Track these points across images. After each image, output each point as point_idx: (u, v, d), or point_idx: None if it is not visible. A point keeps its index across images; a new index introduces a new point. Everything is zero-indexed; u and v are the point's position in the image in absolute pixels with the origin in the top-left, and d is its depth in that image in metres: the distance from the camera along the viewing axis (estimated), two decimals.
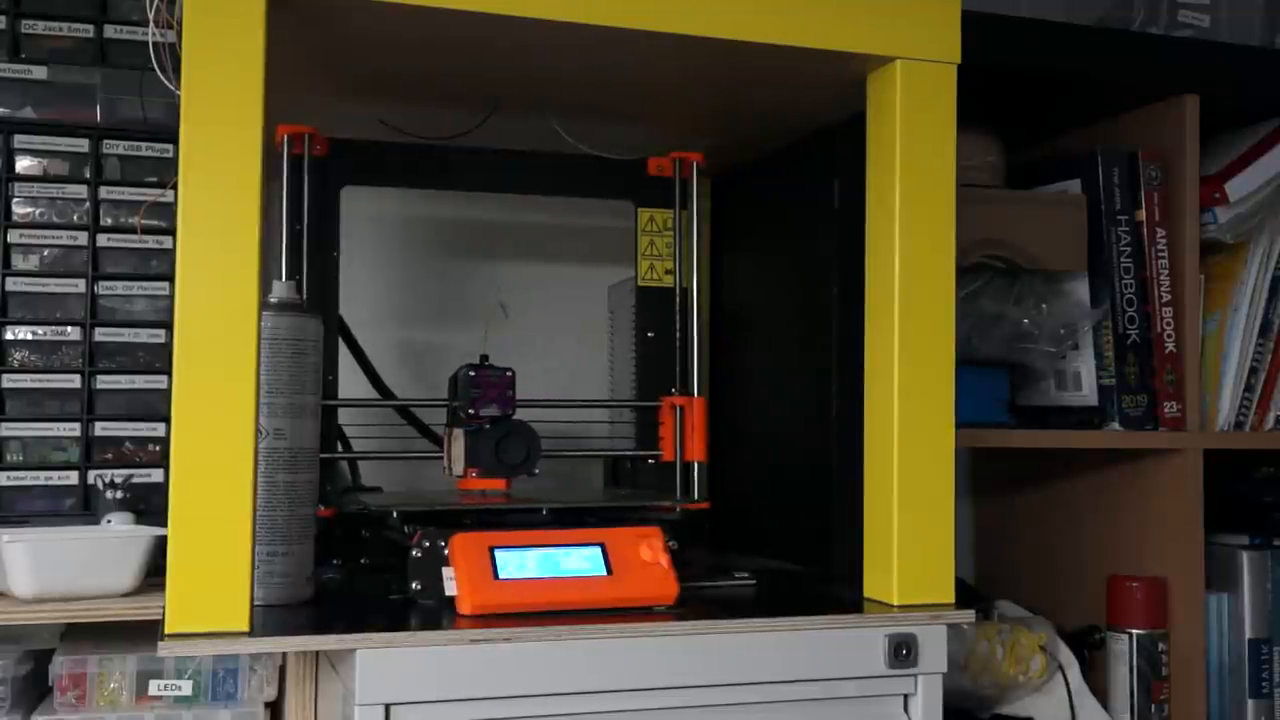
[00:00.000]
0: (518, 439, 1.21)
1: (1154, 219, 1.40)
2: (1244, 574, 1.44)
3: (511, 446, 1.20)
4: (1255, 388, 1.46)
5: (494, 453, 1.20)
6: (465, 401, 1.20)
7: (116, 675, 1.13)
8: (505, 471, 1.20)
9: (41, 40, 1.29)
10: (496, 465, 1.20)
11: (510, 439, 1.20)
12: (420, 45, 1.08)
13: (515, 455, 1.21)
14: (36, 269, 1.28)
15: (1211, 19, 1.52)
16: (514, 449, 1.21)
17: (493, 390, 1.21)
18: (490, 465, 1.20)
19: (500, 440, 1.20)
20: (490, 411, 1.20)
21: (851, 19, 1.07)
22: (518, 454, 1.21)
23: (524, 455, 1.21)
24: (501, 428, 1.21)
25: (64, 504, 1.26)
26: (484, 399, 1.20)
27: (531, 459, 1.21)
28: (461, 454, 1.20)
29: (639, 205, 1.41)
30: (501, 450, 1.20)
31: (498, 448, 1.20)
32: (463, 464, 1.20)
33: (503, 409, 1.21)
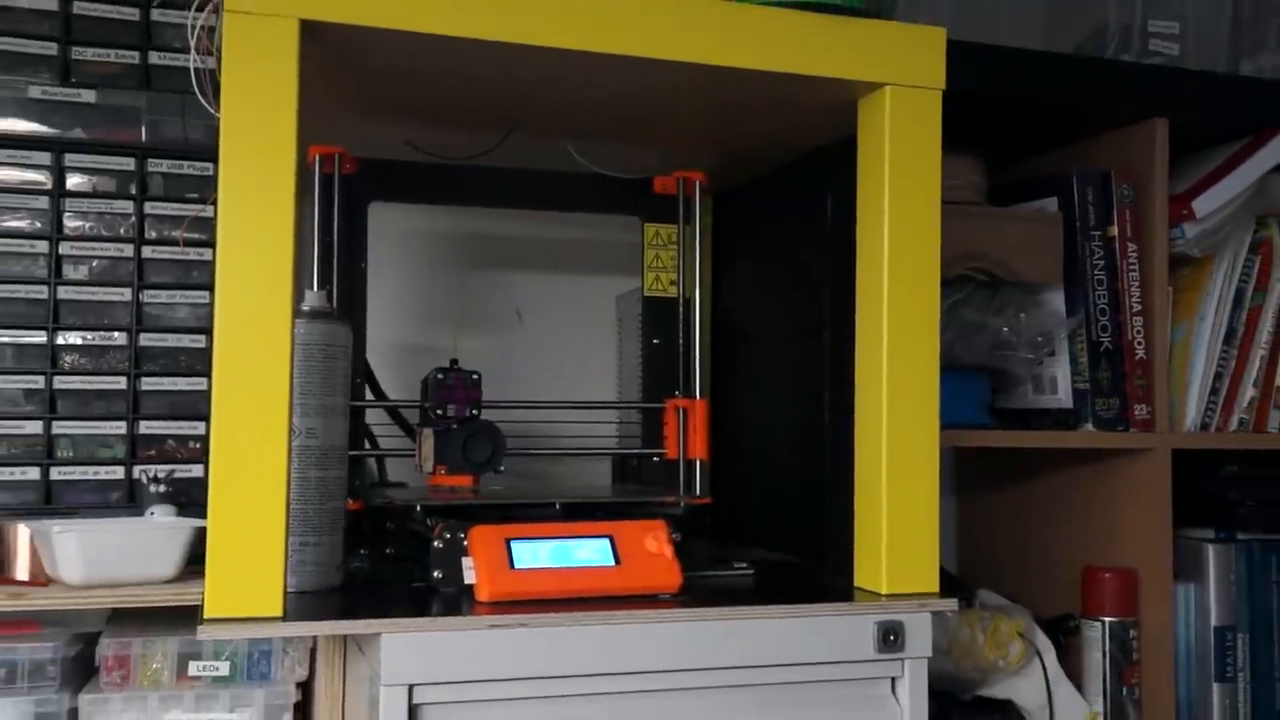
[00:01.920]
0: (483, 438, 1.20)
1: (1125, 235, 1.40)
2: (1210, 565, 1.44)
3: (477, 445, 1.20)
4: (1220, 391, 1.46)
5: (461, 451, 1.20)
6: (434, 402, 1.20)
7: (158, 656, 1.13)
8: (471, 469, 1.20)
9: (90, 66, 1.29)
10: (463, 463, 1.20)
11: (476, 438, 1.20)
12: (442, 72, 1.09)
13: (481, 453, 1.20)
14: (86, 279, 1.28)
15: (1180, 47, 1.52)
16: (479, 448, 1.20)
17: (460, 392, 1.21)
18: (457, 463, 1.20)
19: (467, 439, 1.20)
20: (458, 412, 1.20)
21: (843, 48, 1.07)
22: (483, 452, 1.20)
23: (489, 453, 1.20)
24: (468, 428, 1.20)
25: (111, 497, 1.27)
26: (451, 400, 1.20)
27: (496, 457, 1.20)
28: (431, 452, 1.20)
29: (645, 221, 1.41)
30: (468, 449, 1.20)
31: (465, 446, 1.20)
32: (432, 462, 1.20)
33: (470, 410, 1.20)
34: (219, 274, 0.91)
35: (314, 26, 0.94)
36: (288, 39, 0.92)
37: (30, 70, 1.27)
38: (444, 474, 1.20)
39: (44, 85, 1.27)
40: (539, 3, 0.99)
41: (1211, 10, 1.54)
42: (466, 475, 1.20)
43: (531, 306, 1.49)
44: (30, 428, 1.25)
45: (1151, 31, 1.51)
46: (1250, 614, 1.45)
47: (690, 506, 1.24)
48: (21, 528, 1.14)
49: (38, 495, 1.25)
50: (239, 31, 0.92)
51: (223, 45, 0.92)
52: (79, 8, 1.29)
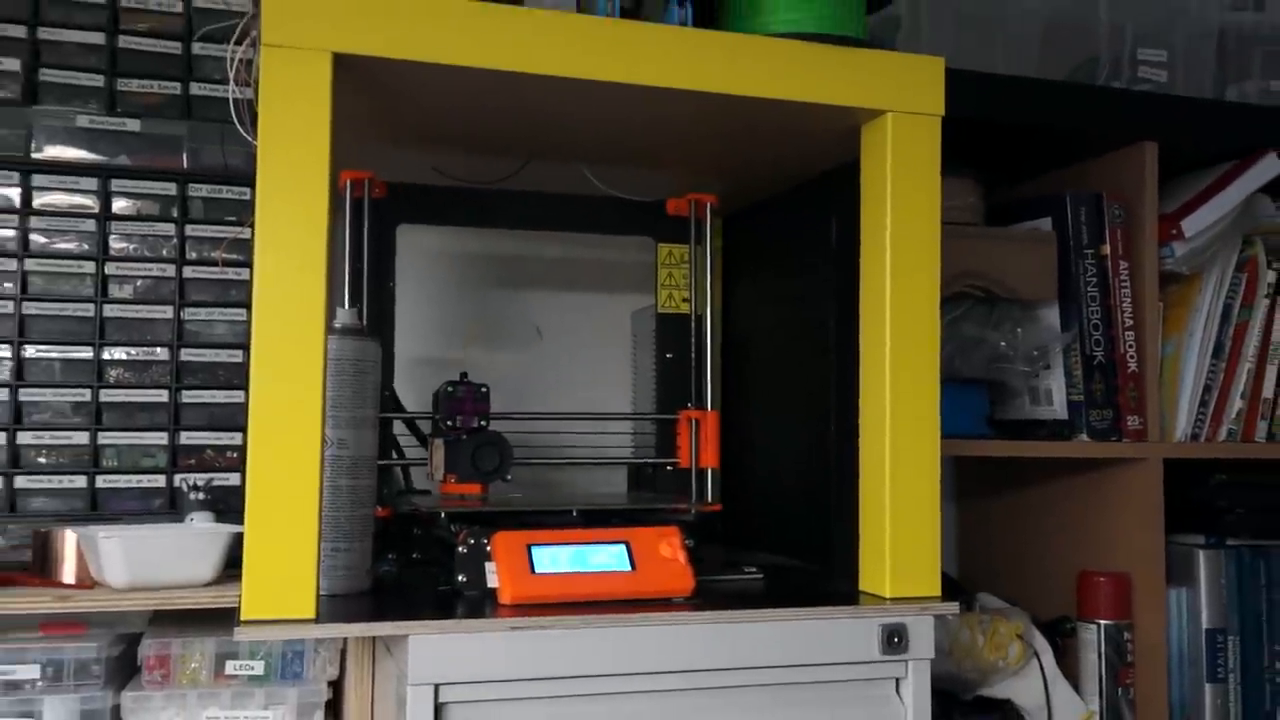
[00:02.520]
0: (492, 448, 1.20)
1: (1117, 253, 1.40)
2: (1201, 570, 1.43)
3: (486, 455, 1.19)
4: (1209, 403, 1.45)
5: (470, 460, 1.19)
6: (444, 414, 1.20)
7: (197, 656, 1.13)
8: (480, 477, 1.19)
9: (135, 97, 1.30)
10: (472, 472, 1.19)
11: (485, 448, 1.19)
12: (466, 102, 1.09)
13: (489, 463, 1.20)
14: (130, 297, 1.29)
15: (1168, 75, 1.52)
16: (488, 457, 1.20)
17: (469, 404, 1.21)
18: (467, 472, 1.19)
19: (476, 449, 1.19)
20: (465, 423, 1.20)
21: (847, 77, 1.07)
22: (491, 462, 1.20)
23: (497, 462, 1.20)
24: (477, 438, 1.20)
25: (153, 504, 1.27)
26: (461, 412, 1.20)
27: (504, 466, 1.20)
28: (441, 461, 1.20)
29: (659, 241, 1.41)
30: (477, 458, 1.19)
31: (474, 456, 1.19)
32: (442, 470, 1.20)
33: (478, 421, 1.20)
34: (256, 293, 0.91)
35: (346, 60, 0.94)
36: (321, 71, 0.93)
37: (78, 101, 1.28)
38: (454, 482, 1.19)
39: (91, 115, 1.28)
40: (557, 36, 0.99)
41: (1198, 39, 1.54)
42: (475, 484, 1.19)
43: (550, 323, 1.50)
44: (78, 438, 1.26)
45: (1141, 59, 1.51)
46: (1240, 617, 1.44)
47: (702, 513, 1.24)
48: (69, 533, 1.14)
49: (84, 503, 1.25)
50: (275, 64, 0.92)
51: (260, 77, 0.93)
52: (124, 42, 1.30)
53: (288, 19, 0.92)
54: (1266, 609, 1.46)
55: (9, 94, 1.26)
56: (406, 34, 0.95)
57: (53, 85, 1.28)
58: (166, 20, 1.31)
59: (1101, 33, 1.51)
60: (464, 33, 0.97)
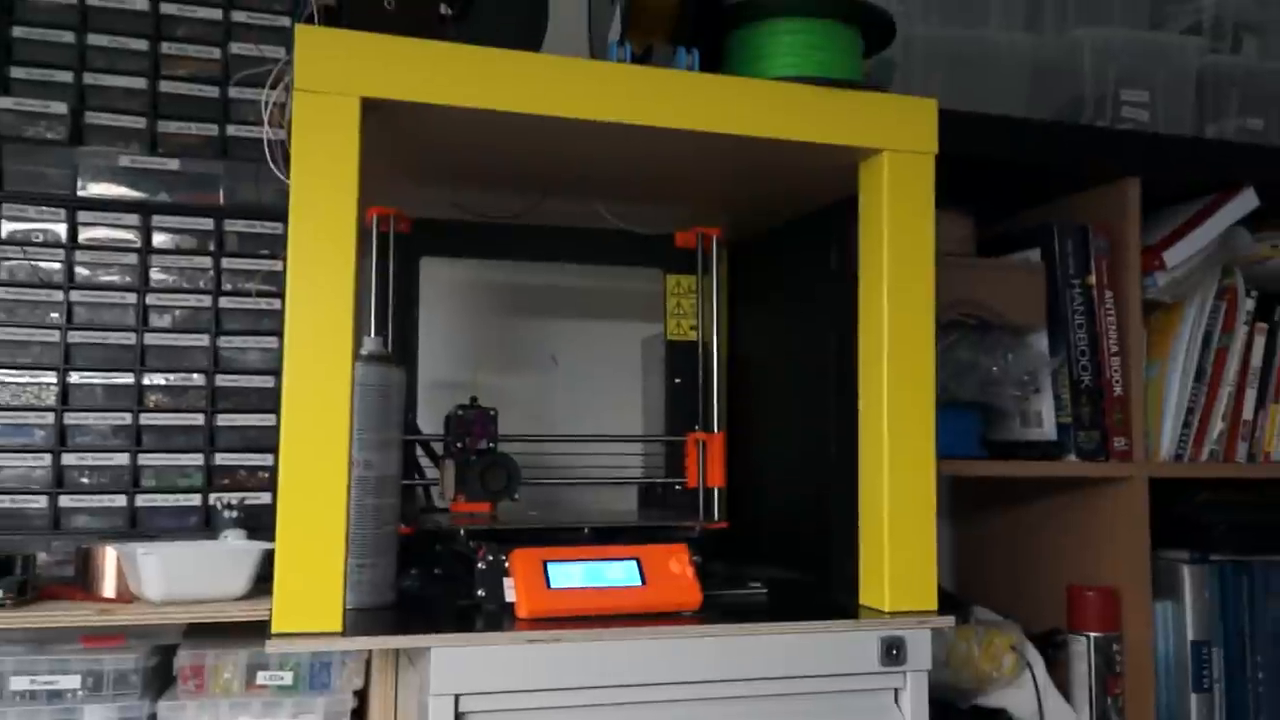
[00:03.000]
0: (499, 469, 1.19)
1: (1103, 282, 1.39)
2: (1185, 584, 1.42)
3: (494, 475, 1.19)
4: (1192, 425, 1.44)
5: (479, 480, 1.19)
6: (455, 436, 1.20)
7: (230, 667, 1.12)
8: (488, 496, 1.19)
9: (175, 138, 1.31)
10: (481, 491, 1.19)
11: (493, 469, 1.19)
12: (485, 142, 1.09)
13: (497, 483, 1.19)
14: (169, 326, 1.29)
15: (1150, 114, 1.52)
16: (496, 477, 1.19)
17: (479, 427, 1.20)
18: (476, 491, 1.19)
19: (485, 470, 1.19)
20: (473, 445, 1.19)
21: (846, 118, 1.07)
22: (499, 481, 1.19)
23: (505, 482, 1.19)
24: (486, 459, 1.19)
25: (189, 522, 1.27)
26: (470, 434, 1.20)
27: (512, 486, 1.19)
28: (452, 481, 1.20)
29: (667, 272, 1.41)
30: (485, 478, 1.19)
31: (482, 476, 1.19)
32: (453, 490, 1.20)
33: (487, 442, 1.20)
34: (287, 322, 0.92)
35: (373, 103, 0.95)
36: (350, 114, 0.93)
37: (122, 142, 1.29)
38: (463, 501, 1.19)
39: (133, 155, 1.29)
40: (572, 81, 1.00)
41: (1177, 80, 1.54)
42: (484, 503, 1.19)
43: (565, 350, 1.49)
44: (118, 459, 1.26)
45: (1124, 100, 1.51)
46: (1224, 629, 1.43)
47: (708, 530, 1.24)
48: (110, 550, 1.14)
49: (124, 521, 1.25)
50: (307, 108, 0.93)
51: (292, 120, 0.93)
52: (165, 86, 1.31)
53: (319, 65, 0.93)
54: (1249, 621, 1.44)
55: (56, 135, 1.27)
56: (430, 79, 0.96)
57: (98, 127, 1.29)
58: (205, 66, 1.32)
59: (1086, 74, 1.51)
60: (484, 78, 0.97)
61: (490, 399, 1.27)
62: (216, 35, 1.32)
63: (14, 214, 1.26)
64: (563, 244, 1.39)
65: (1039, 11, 1.55)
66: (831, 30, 1.10)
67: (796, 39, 1.08)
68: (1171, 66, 1.53)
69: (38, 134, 1.27)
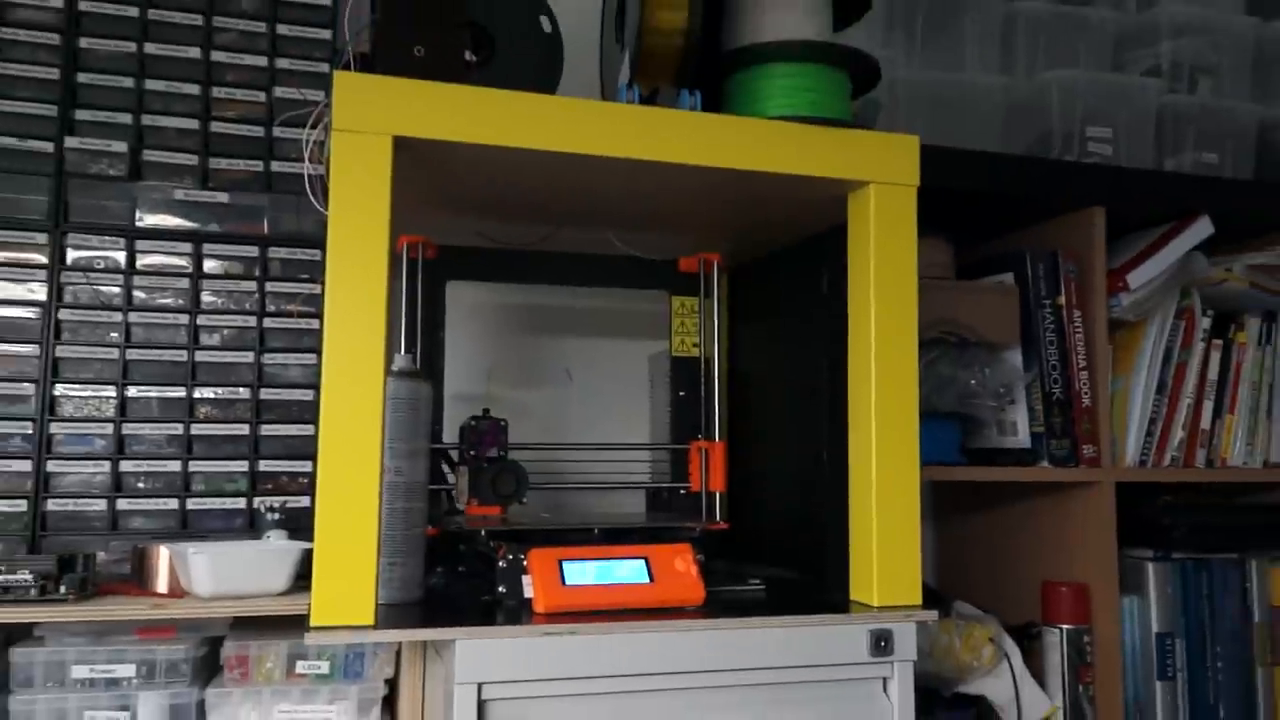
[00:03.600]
0: (509, 475, 1.19)
1: (1071, 303, 1.39)
2: (1150, 581, 1.41)
3: (504, 481, 1.18)
4: (1154, 433, 1.43)
5: (490, 486, 1.18)
6: (468, 444, 1.19)
7: (271, 657, 1.12)
8: (499, 500, 1.18)
9: (224, 173, 1.31)
10: (492, 496, 1.18)
11: (503, 475, 1.18)
12: (506, 176, 1.09)
13: (506, 487, 1.19)
14: (218, 344, 1.29)
15: (1113, 148, 1.52)
16: (505, 483, 1.19)
17: (490, 436, 1.20)
18: (487, 496, 1.18)
19: (495, 476, 1.18)
20: (485, 452, 1.19)
21: (835, 153, 1.07)
22: (508, 487, 1.19)
23: (514, 487, 1.19)
24: (496, 466, 1.19)
25: (235, 524, 1.26)
26: (482, 442, 1.19)
27: (520, 490, 1.18)
28: (465, 487, 1.19)
29: (672, 294, 1.41)
30: (496, 483, 1.18)
31: (493, 482, 1.18)
32: (466, 495, 1.19)
33: (498, 450, 1.19)
34: (325, 340, 0.91)
35: (404, 141, 0.95)
36: (382, 152, 0.94)
37: (176, 177, 1.29)
38: (476, 505, 1.18)
39: (187, 189, 1.29)
40: (585, 121, 1.00)
41: (1139, 117, 1.54)
42: (495, 506, 1.18)
43: (579, 365, 1.49)
44: (171, 466, 1.26)
45: (1089, 136, 1.51)
46: (1186, 622, 1.42)
47: (710, 531, 1.23)
48: (163, 549, 1.14)
49: (176, 522, 1.25)
50: (343, 146, 0.93)
51: (330, 156, 0.93)
52: (215, 127, 1.31)
53: (355, 108, 0.93)
54: (1208, 615, 1.43)
55: (117, 171, 1.27)
56: (455, 120, 0.96)
57: (154, 164, 1.29)
58: (252, 108, 1.32)
59: (1054, 113, 1.51)
60: (505, 118, 0.97)
61: (510, 411, 1.27)
62: (262, 80, 1.33)
63: (78, 243, 1.26)
64: (576, 269, 1.38)
65: (1011, 56, 1.55)
66: (822, 74, 1.10)
67: (790, 82, 1.08)
68: (1133, 106, 1.53)
69: (101, 171, 1.27)
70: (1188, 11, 1.58)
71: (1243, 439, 1.48)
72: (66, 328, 1.25)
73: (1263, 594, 1.46)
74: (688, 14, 1.08)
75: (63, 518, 1.22)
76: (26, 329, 1.24)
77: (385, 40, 0.97)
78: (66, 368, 1.25)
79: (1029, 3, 1.55)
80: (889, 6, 1.50)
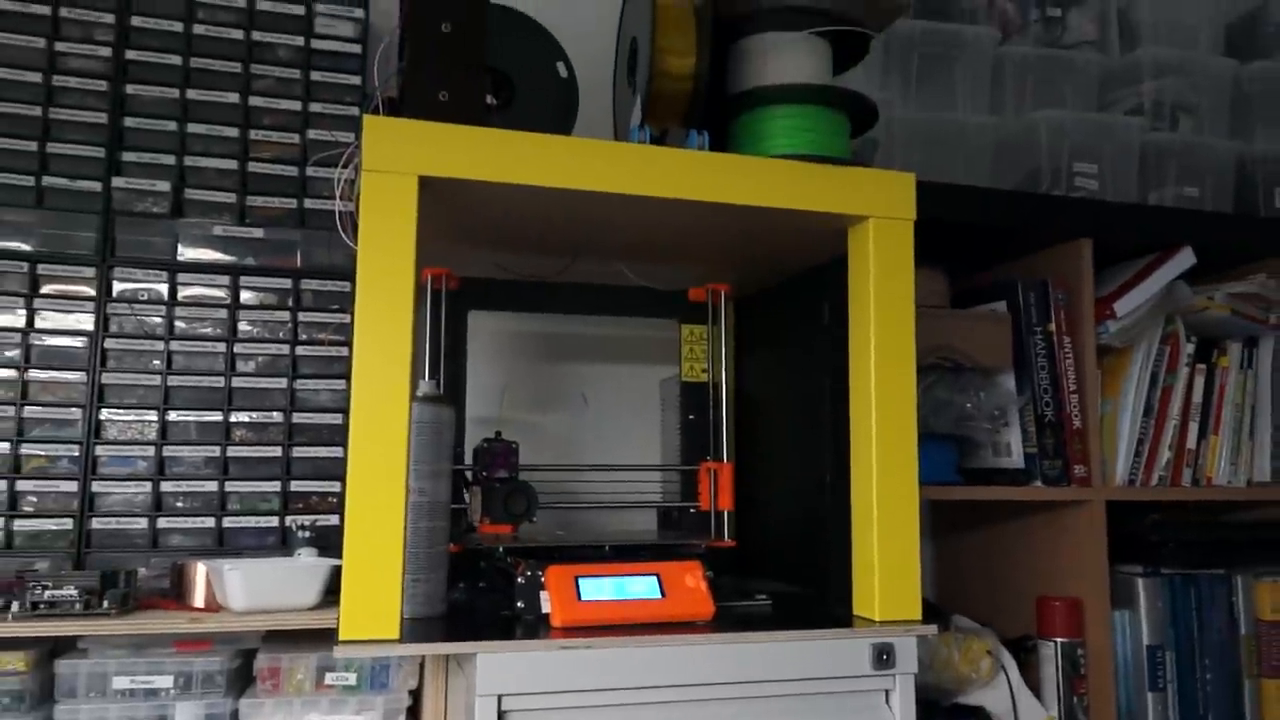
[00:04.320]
0: (520, 494, 1.18)
1: (1061, 330, 1.38)
2: (1140, 595, 1.38)
3: (515, 500, 1.18)
4: (1143, 454, 1.41)
5: (502, 505, 1.17)
6: (480, 465, 1.18)
7: (302, 669, 1.11)
8: (510, 519, 1.17)
9: (260, 210, 1.32)
10: (504, 515, 1.17)
11: (515, 494, 1.17)
12: (525, 211, 1.10)
13: (518, 507, 1.17)
14: (253, 371, 1.29)
15: (1099, 182, 1.51)
16: (517, 502, 1.18)
17: (502, 458, 1.19)
18: (499, 515, 1.17)
19: (507, 495, 1.17)
20: (495, 473, 1.18)
21: (836, 190, 1.07)
22: (519, 506, 1.18)
23: (524, 507, 1.18)
24: (508, 486, 1.18)
25: (268, 541, 1.26)
26: (494, 464, 1.18)
27: (531, 510, 1.17)
28: (479, 506, 1.18)
29: (682, 322, 1.40)
30: (508, 503, 1.17)
31: (505, 501, 1.17)
32: (479, 514, 1.18)
33: (509, 471, 1.18)
34: (354, 367, 0.91)
35: (429, 180, 0.95)
36: (409, 190, 0.94)
37: (215, 214, 1.30)
38: (488, 523, 1.17)
39: (225, 225, 1.30)
40: (600, 160, 1.00)
41: (1123, 153, 1.53)
42: (506, 525, 1.17)
43: (594, 390, 1.49)
44: (208, 486, 1.26)
45: (1076, 171, 1.51)
46: (1175, 635, 1.39)
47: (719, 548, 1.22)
48: (200, 566, 1.14)
49: (213, 540, 1.24)
50: (372, 185, 0.93)
51: (360, 194, 0.94)
52: (253, 167, 1.32)
53: (383, 149, 0.94)
54: (1197, 628, 1.41)
55: (160, 209, 1.28)
56: (477, 160, 0.96)
57: (195, 202, 1.30)
58: (286, 149, 1.33)
59: (1043, 149, 1.51)
60: (524, 158, 0.98)
61: (528, 433, 1.26)
62: (296, 123, 1.33)
63: (124, 276, 1.27)
64: (591, 299, 1.38)
65: (1001, 97, 1.55)
66: (822, 115, 1.10)
67: (792, 122, 1.08)
68: (1117, 142, 1.53)
69: (145, 209, 1.28)
70: (1168, 54, 1.58)
71: (1227, 459, 1.46)
72: (112, 356, 1.25)
73: (1248, 608, 1.44)
74: (696, 59, 1.09)
75: (106, 535, 1.22)
76: (75, 357, 1.24)
77: (412, 86, 0.98)
78: (111, 394, 1.25)
79: (1017, 47, 1.56)
80: (885, 50, 1.51)
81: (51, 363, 1.24)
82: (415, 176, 0.94)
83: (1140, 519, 1.45)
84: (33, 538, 1.20)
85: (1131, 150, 1.54)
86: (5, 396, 1.22)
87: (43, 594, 1.04)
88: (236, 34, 1.33)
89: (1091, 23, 1.60)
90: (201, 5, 1.32)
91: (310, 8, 1.35)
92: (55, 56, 1.28)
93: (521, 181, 0.97)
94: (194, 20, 1.32)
